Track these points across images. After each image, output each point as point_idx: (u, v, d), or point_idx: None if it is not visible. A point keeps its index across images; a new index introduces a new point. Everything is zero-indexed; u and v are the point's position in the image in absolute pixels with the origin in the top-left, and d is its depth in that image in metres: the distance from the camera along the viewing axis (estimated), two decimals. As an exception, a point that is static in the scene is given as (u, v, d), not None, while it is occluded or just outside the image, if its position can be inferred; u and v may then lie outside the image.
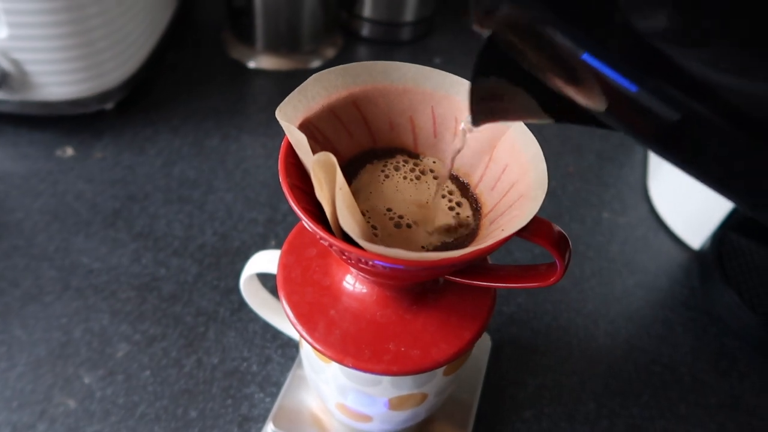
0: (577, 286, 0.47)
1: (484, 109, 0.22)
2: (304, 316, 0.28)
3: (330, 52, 0.66)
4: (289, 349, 0.41)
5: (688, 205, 0.51)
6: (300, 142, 0.23)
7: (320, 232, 0.22)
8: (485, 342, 0.42)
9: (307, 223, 0.22)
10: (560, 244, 0.24)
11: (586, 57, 0.16)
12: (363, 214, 0.26)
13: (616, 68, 0.16)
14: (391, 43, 0.70)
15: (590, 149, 0.59)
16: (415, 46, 0.70)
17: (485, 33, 0.19)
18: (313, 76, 0.26)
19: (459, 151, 0.25)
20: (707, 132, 0.16)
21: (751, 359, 0.44)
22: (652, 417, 0.40)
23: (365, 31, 0.69)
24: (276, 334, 0.41)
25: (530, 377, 0.41)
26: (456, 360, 0.28)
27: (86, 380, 0.38)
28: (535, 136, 0.25)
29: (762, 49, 0.15)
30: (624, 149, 0.60)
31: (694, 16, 0.15)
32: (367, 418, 0.33)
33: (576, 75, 0.17)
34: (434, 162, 0.28)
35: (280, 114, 0.24)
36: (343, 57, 0.67)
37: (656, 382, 0.42)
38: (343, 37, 0.69)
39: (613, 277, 0.48)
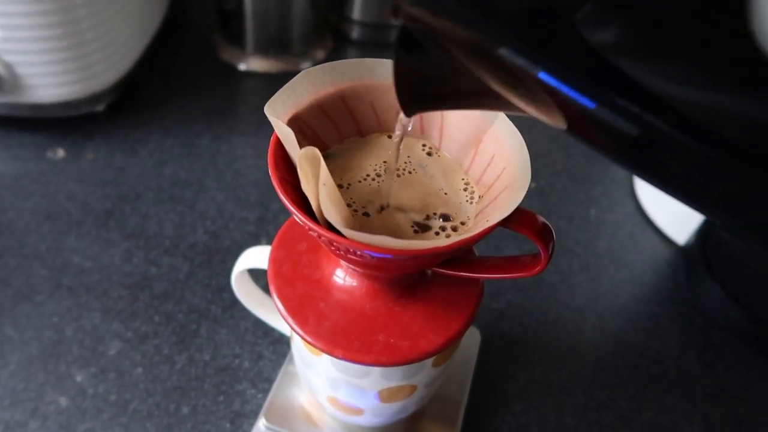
0: (565, 282, 0.48)
1: (414, 99, 0.22)
2: (295, 309, 0.28)
3: (320, 54, 0.67)
4: (280, 345, 0.41)
5: (673, 202, 0.51)
6: (287, 136, 0.24)
7: (309, 223, 0.22)
8: (475, 337, 0.42)
9: (296, 214, 0.23)
10: (544, 234, 0.25)
11: (542, 75, 0.16)
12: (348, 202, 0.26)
13: (573, 85, 0.16)
14: (380, 45, 0.70)
15: (578, 148, 0.60)
16: (405, 47, 0.71)
17: (398, 22, 0.19)
18: (302, 72, 0.26)
19: (401, 138, 0.25)
20: (665, 146, 0.16)
21: (736, 351, 0.45)
22: (640, 408, 0.41)
23: (354, 33, 0.70)
24: (267, 331, 0.42)
25: (520, 371, 0.42)
26: (444, 351, 0.29)
27: (78, 378, 0.38)
28: (523, 135, 0.26)
29: (713, 61, 0.15)
30: (611, 148, 0.61)
31: (647, 29, 0.15)
32: (359, 411, 0.33)
33: (532, 93, 0.17)
34: (423, 145, 0.29)
35: (269, 109, 0.25)
36: (333, 59, 0.66)
37: (643, 375, 0.43)
38: (332, 39, 0.70)
39: (600, 272, 0.49)
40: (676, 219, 0.52)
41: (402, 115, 0.23)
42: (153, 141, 0.55)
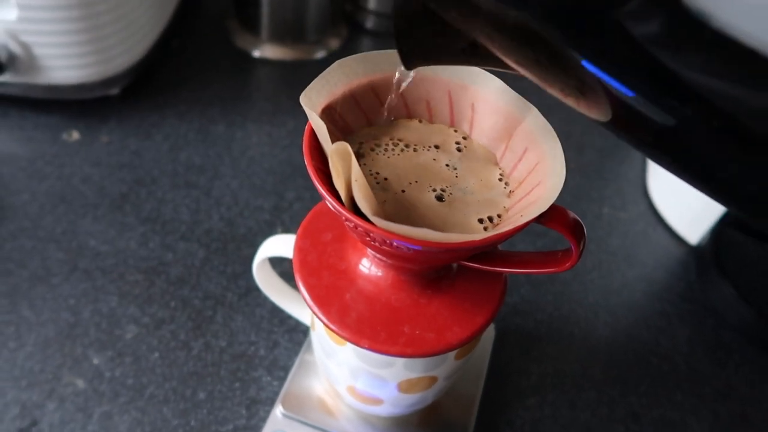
0: (578, 279, 0.48)
1: (413, 51, 0.22)
2: (321, 299, 0.28)
3: (334, 43, 0.67)
4: (296, 334, 0.41)
5: (686, 202, 0.52)
6: (320, 129, 0.23)
7: (346, 213, 0.22)
8: (489, 331, 0.42)
9: (333, 205, 0.23)
10: (576, 230, 0.25)
11: (585, 63, 0.16)
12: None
13: (614, 74, 0.16)
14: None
15: (591, 146, 0.60)
16: (419, 39, 0.70)
17: None
18: (336, 62, 0.26)
19: (398, 86, 0.26)
20: (701, 138, 0.16)
21: (746, 351, 0.45)
22: (650, 405, 0.41)
23: (369, 23, 0.69)
24: (283, 320, 0.42)
25: (533, 365, 0.42)
26: (468, 343, 0.29)
27: (95, 361, 0.38)
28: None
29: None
30: (624, 146, 0.61)
31: (692, 23, 0.15)
32: (378, 401, 0.33)
33: (580, 86, 0.17)
34: (455, 131, 0.28)
35: (304, 99, 0.24)
36: (348, 48, 0.67)
37: (654, 372, 0.43)
38: (347, 28, 0.69)
39: (612, 270, 0.49)
40: (689, 219, 0.52)
41: (401, 68, 0.23)
42: (167, 125, 0.54)
